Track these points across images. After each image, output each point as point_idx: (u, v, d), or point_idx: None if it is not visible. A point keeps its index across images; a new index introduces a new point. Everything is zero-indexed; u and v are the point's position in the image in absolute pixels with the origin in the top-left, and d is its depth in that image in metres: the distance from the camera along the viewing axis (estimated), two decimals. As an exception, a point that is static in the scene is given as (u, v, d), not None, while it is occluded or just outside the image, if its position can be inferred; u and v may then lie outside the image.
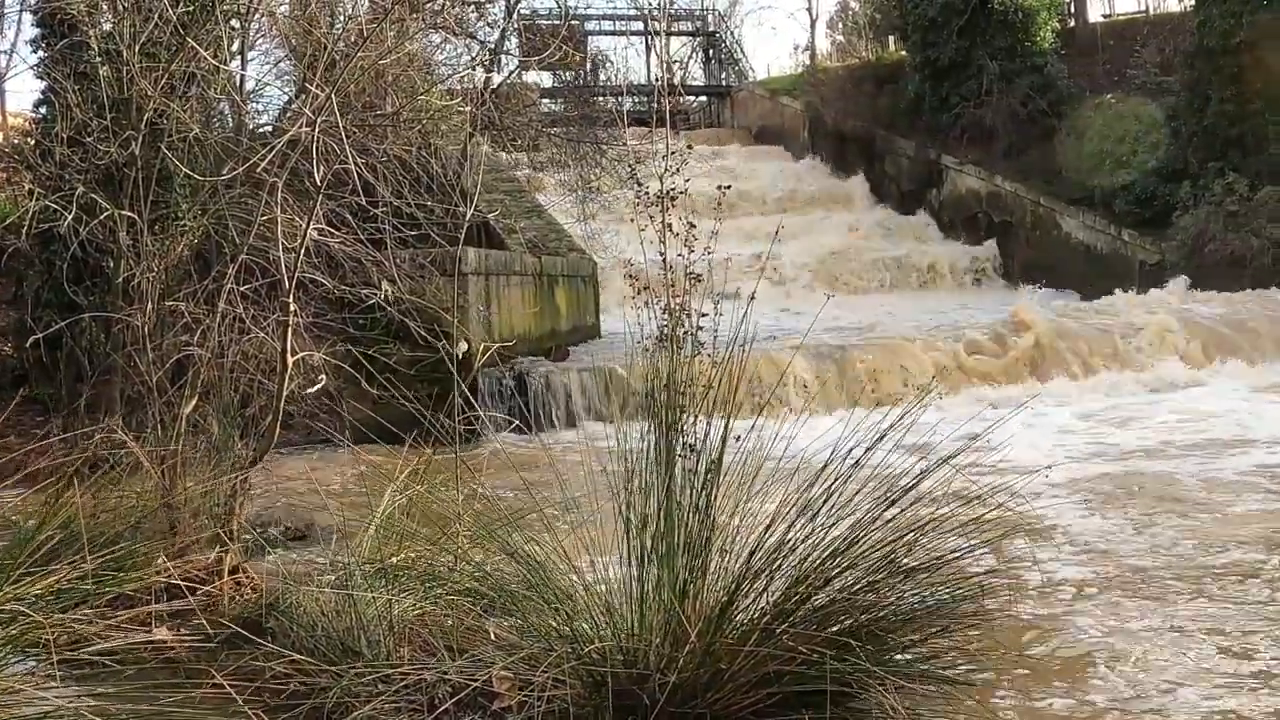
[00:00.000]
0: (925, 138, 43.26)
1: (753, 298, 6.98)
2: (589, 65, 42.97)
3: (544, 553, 6.97)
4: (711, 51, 62.35)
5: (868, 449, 6.75)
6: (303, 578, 7.91)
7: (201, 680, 6.33)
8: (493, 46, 24.73)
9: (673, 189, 7.24)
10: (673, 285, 7.06)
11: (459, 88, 19.94)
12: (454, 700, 6.25)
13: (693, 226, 7.08)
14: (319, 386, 10.01)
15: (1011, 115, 40.08)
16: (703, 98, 61.74)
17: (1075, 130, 38.72)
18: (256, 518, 10.24)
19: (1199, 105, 34.03)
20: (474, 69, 22.05)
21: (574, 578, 6.87)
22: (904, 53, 47.36)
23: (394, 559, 7.55)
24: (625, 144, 27.07)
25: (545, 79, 37.27)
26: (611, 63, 45.94)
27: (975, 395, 19.71)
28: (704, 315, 7.04)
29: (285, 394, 8.86)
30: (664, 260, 7.14)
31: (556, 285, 23.64)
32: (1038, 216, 38.32)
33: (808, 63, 62.40)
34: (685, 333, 6.97)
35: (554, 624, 6.64)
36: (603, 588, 6.84)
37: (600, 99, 33.89)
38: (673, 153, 7.58)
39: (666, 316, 7.01)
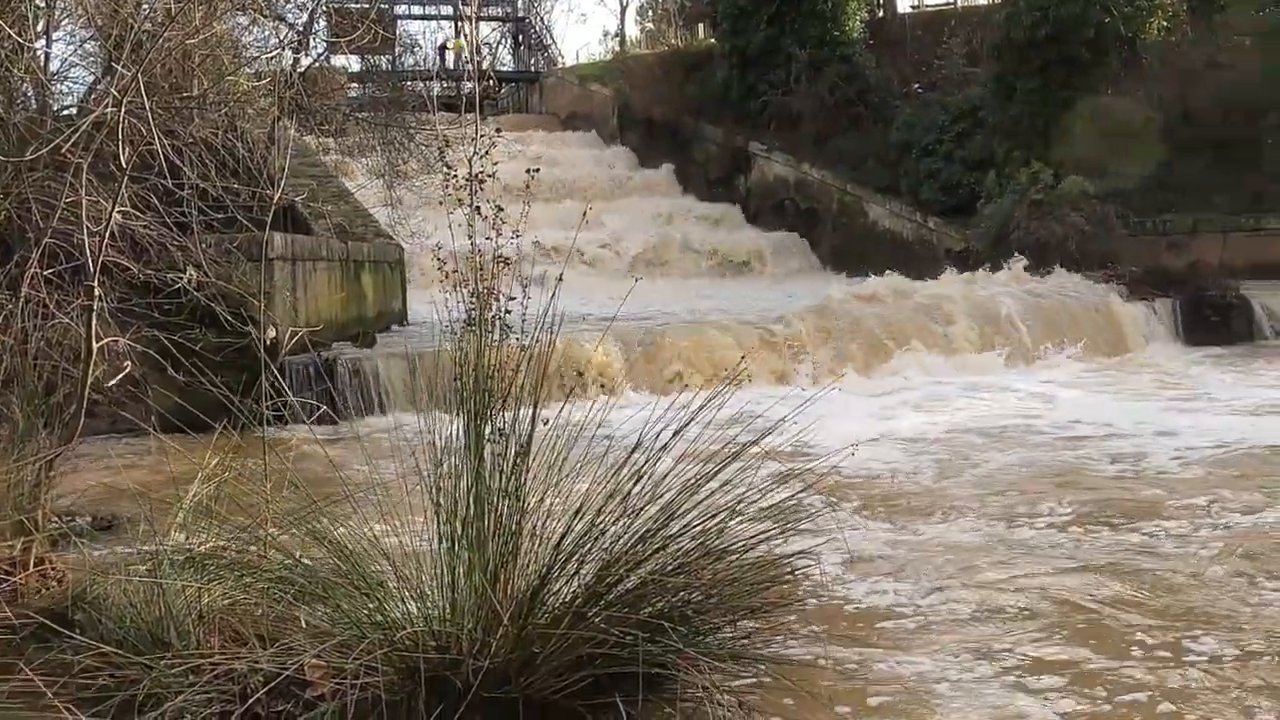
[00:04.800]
0: (734, 125, 43.49)
1: (559, 280, 7.01)
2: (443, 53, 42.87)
3: (354, 539, 6.93)
4: (521, 37, 62.22)
5: (676, 432, 6.82)
6: (111, 568, 7.79)
7: (9, 674, 6.23)
8: (301, 29, 24.53)
9: (481, 172, 7.24)
10: (480, 269, 7.06)
11: (267, 70, 19.73)
12: (266, 689, 6.18)
13: (500, 210, 7.08)
14: (124, 374, 9.85)
15: (820, 104, 40.45)
16: (512, 84, 61.60)
17: (883, 119, 39.25)
18: (62, 508, 10.06)
19: (1005, 96, 34.68)
20: (282, 51, 21.84)
21: (385, 564, 6.85)
22: (713, 40, 47.62)
23: (203, 548, 7.46)
24: (433, 128, 26.95)
25: (354, 63, 36.97)
26: (420, 48, 45.77)
27: (781, 380, 19.90)
28: (511, 300, 7.05)
29: (90, 381, 8.73)
30: (472, 244, 7.13)
31: (363, 271, 23.48)
32: (845, 204, 38.75)
33: (617, 49, 62.56)
34: (493, 317, 6.97)
35: (366, 611, 6.61)
36: (414, 573, 6.83)
37: (409, 84, 33.71)
38: (482, 136, 7.56)
39: (474, 301, 7.01)
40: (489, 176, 7.25)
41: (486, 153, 7.37)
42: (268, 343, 8.76)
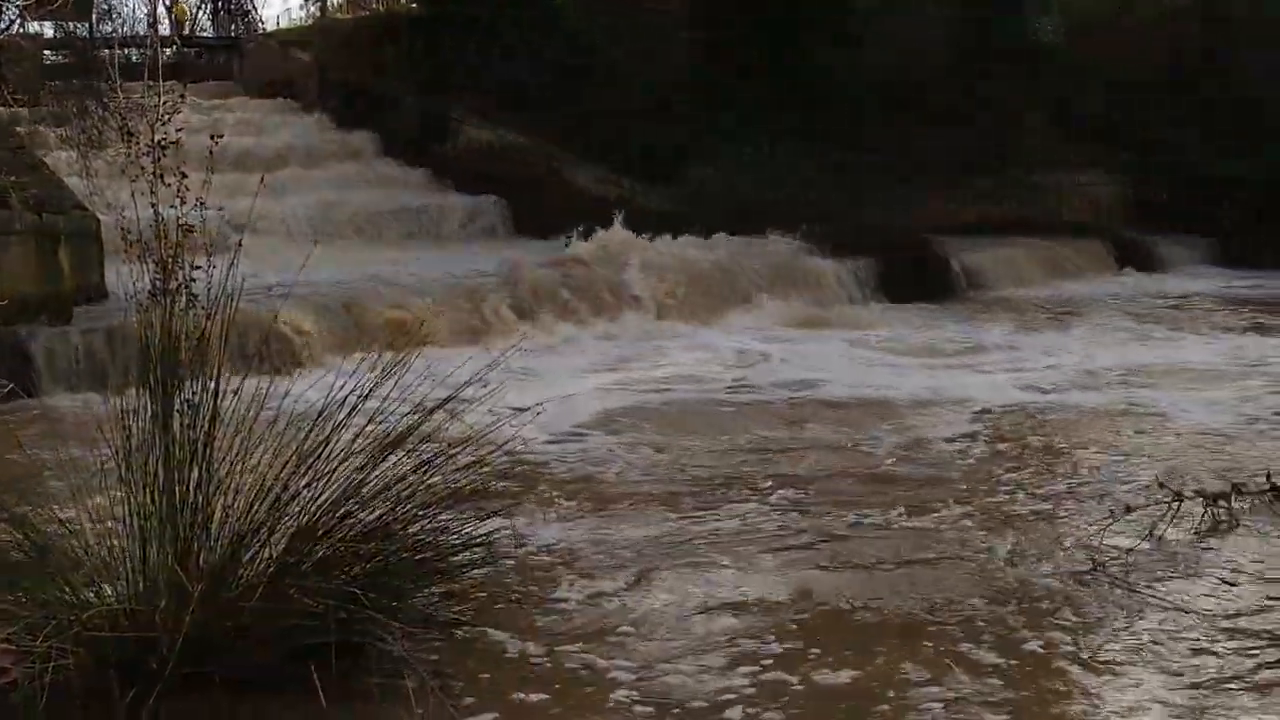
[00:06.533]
0: (436, 90, 43.16)
1: (239, 245, 6.90)
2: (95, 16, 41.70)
3: (44, 518, 6.75)
4: (222, 3, 61.16)
5: (363, 397, 6.77)
6: None
7: None
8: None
9: (164, 139, 7.07)
10: (166, 238, 6.91)
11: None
12: (-45, 676, 6.02)
13: (184, 177, 6.93)
14: None
15: (523, 67, 40.30)
16: (213, 50, 60.43)
17: (588, 82, 39.29)
18: None
19: (713, 60, 34.97)
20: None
21: (75, 542, 6.68)
22: (414, 5, 47.22)
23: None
24: (128, 97, 26.31)
25: (48, 29, 35.99)
26: (119, 14, 44.75)
27: (479, 343, 19.67)
28: (197, 268, 6.90)
29: None
30: (156, 213, 6.97)
31: (59, 244, 22.84)
32: (549, 169, 38.66)
33: (318, 14, 61.73)
34: (179, 286, 6.82)
35: (56, 592, 6.44)
36: (108, 551, 6.67)
37: (105, 51, 32.90)
38: (165, 102, 7.40)
39: (159, 271, 6.85)
40: (172, 144, 7.09)
41: (169, 120, 7.20)
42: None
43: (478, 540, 7.06)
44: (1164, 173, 34.02)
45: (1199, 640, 7.35)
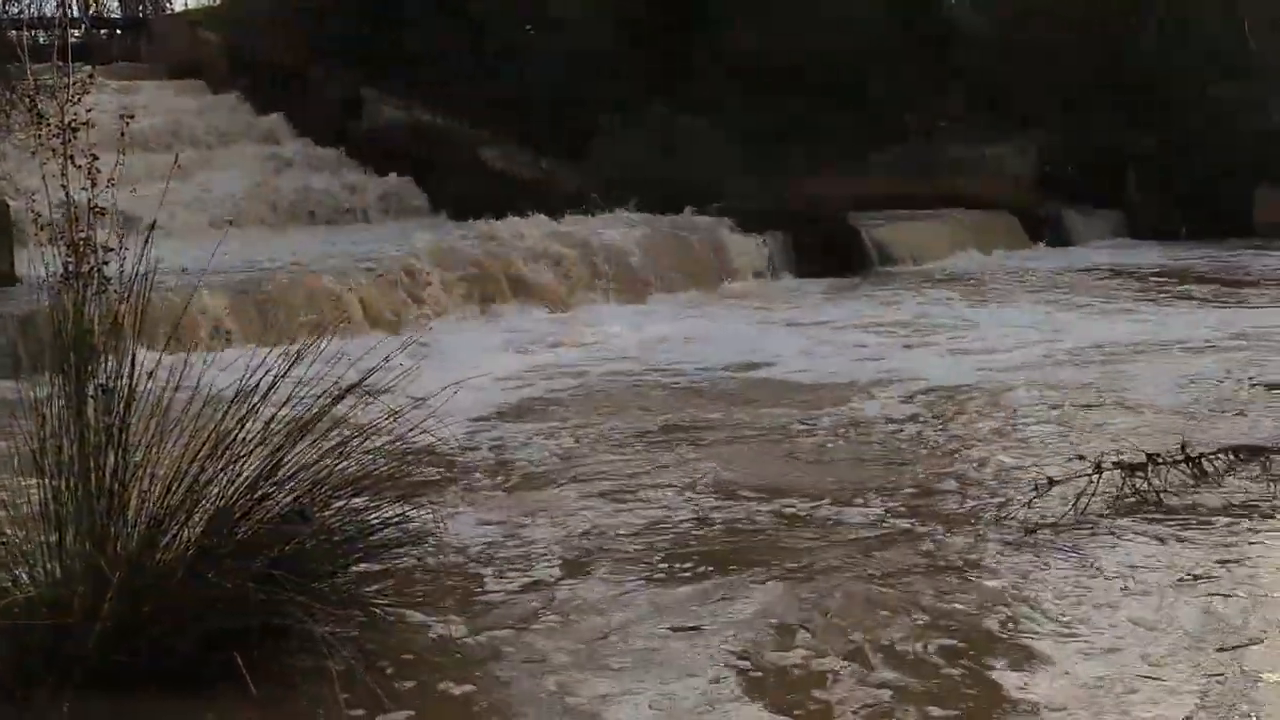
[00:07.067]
0: (350, 70, 42.86)
1: (152, 226, 6.85)
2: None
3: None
4: (129, -19, 60.41)
5: (279, 377, 6.74)
6: None
7: None
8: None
9: (74, 119, 6.99)
10: (77, 221, 6.84)
11: None
12: None
13: (95, 159, 6.85)
14: None
15: (436, 48, 40.08)
16: (120, 31, 59.70)
17: (501, 61, 39.13)
18: None
19: (625, 35, 34.90)
20: None
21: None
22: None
23: None
24: (36, 79, 25.95)
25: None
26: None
27: (393, 325, 19.47)
28: (109, 250, 6.84)
29: None
30: (66, 194, 6.89)
31: (-33, 230, 22.64)
32: (460, 147, 38.46)
33: (229, -6, 61.18)
34: (90, 269, 6.77)
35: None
36: (21, 538, 6.61)
37: (11, 32, 32.49)
38: (75, 81, 7.31)
39: (70, 254, 6.79)
40: (83, 125, 7.00)
41: (79, 100, 7.11)
42: None
43: (392, 522, 7.05)
44: (1071, 146, 34.18)
45: (1108, 609, 7.49)
